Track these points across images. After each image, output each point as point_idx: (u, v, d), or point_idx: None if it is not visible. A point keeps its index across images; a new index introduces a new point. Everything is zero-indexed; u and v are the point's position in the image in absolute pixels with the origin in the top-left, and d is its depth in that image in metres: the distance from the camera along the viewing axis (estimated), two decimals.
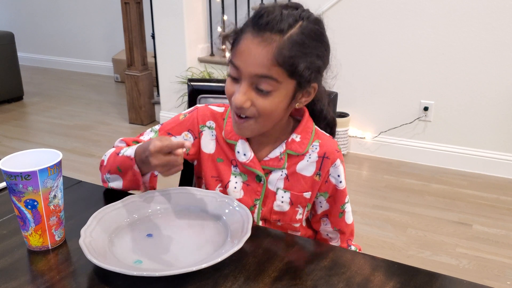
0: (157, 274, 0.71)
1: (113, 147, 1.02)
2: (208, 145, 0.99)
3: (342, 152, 1.01)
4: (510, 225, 2.27)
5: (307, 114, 0.97)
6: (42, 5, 5.44)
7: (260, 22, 0.80)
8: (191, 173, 1.25)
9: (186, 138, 0.99)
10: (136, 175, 0.91)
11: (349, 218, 1.02)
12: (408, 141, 2.98)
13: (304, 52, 0.81)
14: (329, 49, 0.88)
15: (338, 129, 1.05)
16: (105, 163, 0.97)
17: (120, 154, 0.94)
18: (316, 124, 0.99)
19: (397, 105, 2.95)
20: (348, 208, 1.01)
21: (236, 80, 0.85)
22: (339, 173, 0.96)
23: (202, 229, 0.88)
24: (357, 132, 3.08)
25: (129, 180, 0.93)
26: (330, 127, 1.02)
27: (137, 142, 1.00)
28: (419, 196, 2.55)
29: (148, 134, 1.02)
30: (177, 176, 1.17)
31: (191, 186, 1.24)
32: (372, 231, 2.21)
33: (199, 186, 1.05)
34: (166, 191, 0.97)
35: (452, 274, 0.79)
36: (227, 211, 0.90)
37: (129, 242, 0.84)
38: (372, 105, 3.01)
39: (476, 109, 2.76)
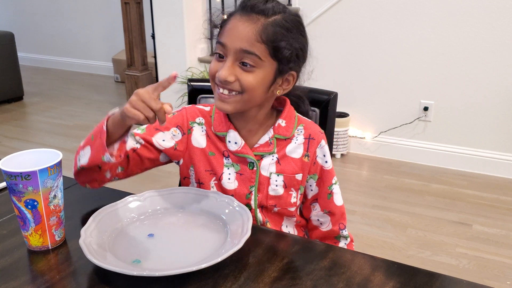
0: (157, 274, 0.71)
1: None
2: (199, 140, 1.01)
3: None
4: (510, 225, 2.27)
5: (288, 102, 1.02)
6: (42, 5, 5.44)
7: (248, 4, 0.89)
8: None
9: (174, 134, 1.00)
10: (102, 135, 0.85)
11: (338, 199, 1.05)
12: (408, 141, 2.98)
13: (286, 35, 0.89)
14: (307, 43, 0.95)
15: (338, 129, 1.08)
16: (81, 144, 0.93)
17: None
18: None
19: (397, 105, 2.95)
20: (336, 189, 1.05)
21: (221, 59, 0.91)
22: (325, 153, 1.02)
23: (202, 229, 0.88)
24: (357, 132, 3.08)
25: (96, 146, 0.86)
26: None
27: None
28: (419, 196, 2.55)
29: (135, 131, 1.00)
30: (177, 176, 1.17)
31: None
32: (372, 231, 2.21)
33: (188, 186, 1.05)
34: (166, 191, 0.97)
35: (452, 274, 0.79)
36: (227, 211, 0.90)
37: (129, 242, 0.84)
38: (372, 105, 3.02)
39: (476, 109, 2.76)
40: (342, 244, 1.09)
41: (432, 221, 2.30)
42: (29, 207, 0.78)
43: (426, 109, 2.86)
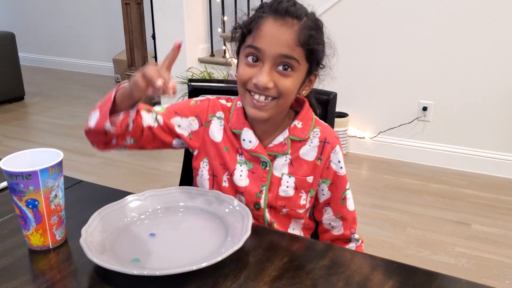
0: (157, 273, 0.71)
1: None
2: (216, 134, 1.01)
3: (343, 165, 1.04)
4: (509, 224, 2.28)
5: (307, 104, 1.01)
6: (43, 6, 5.44)
7: (281, 8, 0.88)
8: (191, 173, 1.25)
9: (191, 123, 1.01)
10: (108, 103, 0.86)
11: (350, 205, 1.05)
12: (407, 141, 2.99)
13: (317, 37, 0.90)
14: (328, 44, 0.96)
15: (337, 128, 1.09)
16: (98, 103, 0.93)
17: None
18: None
19: (396, 105, 2.95)
20: (349, 194, 1.04)
21: (253, 64, 0.89)
22: (339, 159, 1.01)
23: (202, 229, 0.89)
24: (356, 132, 3.08)
25: (103, 111, 0.87)
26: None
27: (148, 109, 0.99)
28: (418, 196, 2.55)
29: (155, 108, 1.01)
30: (177, 176, 1.18)
31: (191, 186, 1.25)
32: (371, 230, 2.22)
33: (196, 178, 1.06)
34: (166, 190, 0.97)
35: (451, 274, 0.79)
36: (227, 210, 0.91)
37: (130, 241, 0.84)
38: (371, 105, 3.02)
39: (475, 109, 2.76)
40: (352, 245, 1.08)
41: (431, 221, 2.30)
42: (30, 206, 0.79)
43: (425, 109, 2.87)
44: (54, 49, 5.60)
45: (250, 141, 0.97)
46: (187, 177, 1.26)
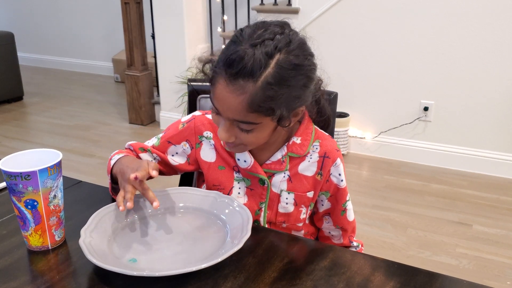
0: (157, 274, 0.71)
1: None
2: (208, 154, 0.99)
3: (342, 152, 1.03)
4: (510, 225, 2.27)
5: (306, 116, 0.97)
6: (42, 5, 5.44)
7: (232, 71, 0.77)
8: (191, 173, 1.25)
9: (184, 148, 1.01)
10: (108, 180, 0.97)
11: (350, 215, 1.04)
12: (408, 141, 2.98)
13: (280, 92, 0.78)
14: (314, 67, 0.84)
15: (338, 129, 1.07)
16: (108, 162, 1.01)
17: (112, 161, 0.98)
18: (315, 120, 1.00)
19: (397, 105, 2.95)
20: (349, 206, 1.03)
21: (218, 116, 0.85)
22: (340, 172, 0.97)
23: (202, 229, 0.88)
24: (357, 132, 3.08)
25: (109, 184, 0.98)
26: (326, 124, 1.04)
27: (143, 149, 1.03)
28: (419, 196, 2.55)
29: (152, 141, 1.04)
30: (177, 176, 1.17)
31: (191, 186, 1.24)
32: (372, 231, 2.21)
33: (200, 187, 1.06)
34: (166, 191, 0.97)
35: (452, 274, 0.79)
36: (227, 211, 0.90)
37: (129, 242, 0.84)
38: (372, 105, 3.02)
39: (476, 109, 2.76)
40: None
41: (432, 221, 2.30)
42: (29, 207, 0.78)
43: (426, 109, 2.86)
44: (53, 49, 5.60)
45: (245, 161, 0.95)
46: (187, 178, 1.26)
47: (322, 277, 0.76)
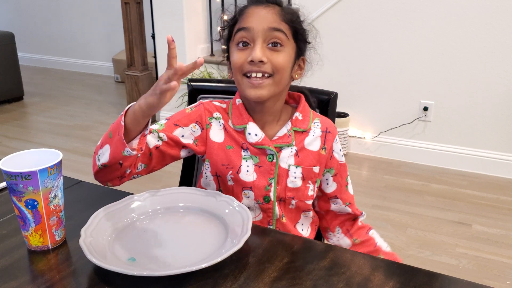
0: (157, 274, 0.71)
1: None
2: (217, 135, 1.02)
3: (342, 152, 1.08)
4: (510, 225, 2.27)
5: (303, 98, 1.06)
6: (42, 5, 5.44)
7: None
8: (191, 174, 1.25)
9: (194, 130, 1.02)
10: (120, 130, 0.83)
11: (351, 189, 1.12)
12: (408, 141, 2.98)
13: (298, 20, 0.98)
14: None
15: (338, 129, 1.11)
16: (98, 143, 0.93)
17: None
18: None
19: (397, 105, 2.95)
20: (349, 179, 1.12)
21: (245, 48, 0.95)
22: (340, 148, 1.07)
23: (202, 229, 0.88)
24: (357, 132, 3.08)
25: (115, 142, 0.85)
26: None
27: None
28: (419, 196, 2.55)
29: (154, 126, 1.01)
30: (177, 176, 1.17)
31: (191, 186, 1.24)
32: None
33: (200, 180, 1.06)
34: (166, 191, 0.97)
35: (452, 274, 0.79)
36: (227, 211, 0.90)
37: (129, 242, 0.84)
38: (372, 105, 3.02)
39: (476, 109, 2.76)
40: (362, 218, 1.15)
41: (432, 221, 2.30)
42: (29, 207, 0.78)
43: (426, 109, 2.86)
44: (53, 49, 5.60)
45: (256, 134, 0.99)
46: (187, 177, 1.26)
47: (322, 276, 0.76)
